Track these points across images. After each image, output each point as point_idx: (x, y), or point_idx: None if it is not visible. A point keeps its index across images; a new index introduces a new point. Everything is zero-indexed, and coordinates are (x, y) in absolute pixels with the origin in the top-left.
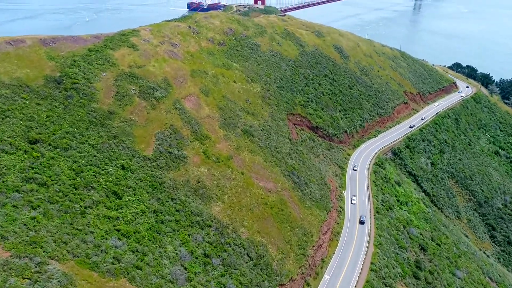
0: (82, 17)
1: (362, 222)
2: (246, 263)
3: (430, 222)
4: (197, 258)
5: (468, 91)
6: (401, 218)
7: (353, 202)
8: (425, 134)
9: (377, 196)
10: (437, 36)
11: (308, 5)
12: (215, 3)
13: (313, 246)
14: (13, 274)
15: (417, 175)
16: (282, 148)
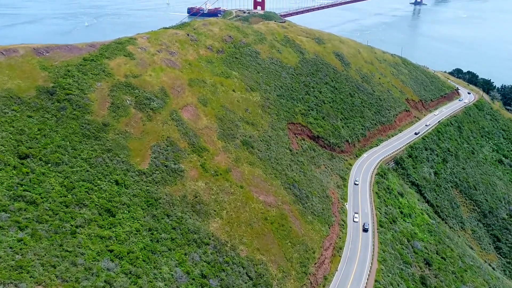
0: (82, 22)
1: (366, 230)
2: (246, 283)
3: (435, 235)
4: (194, 280)
5: (470, 98)
6: (405, 231)
7: (356, 220)
8: (428, 143)
9: (380, 209)
10: (437, 41)
11: (308, 10)
12: (215, 8)
13: (315, 263)
14: None
15: (420, 185)
16: (283, 160)
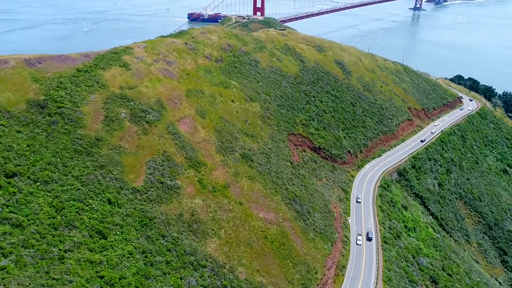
0: (81, 28)
1: (370, 239)
2: None
3: (440, 250)
4: None
5: (473, 106)
6: (410, 247)
7: (359, 243)
8: (431, 153)
9: (384, 223)
10: (436, 47)
11: (307, 16)
12: (216, 14)
13: (318, 285)
14: None
15: (424, 197)
16: (283, 173)
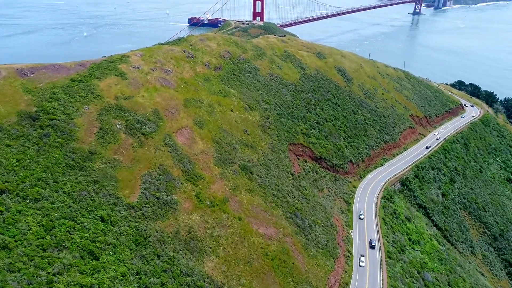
0: (81, 32)
1: (373, 247)
2: None
3: (445, 263)
4: None
5: (475, 112)
6: (414, 261)
7: (362, 265)
8: (434, 162)
9: (388, 237)
10: (435, 52)
11: (307, 21)
12: (216, 19)
13: None
14: None
15: (428, 208)
16: (284, 185)
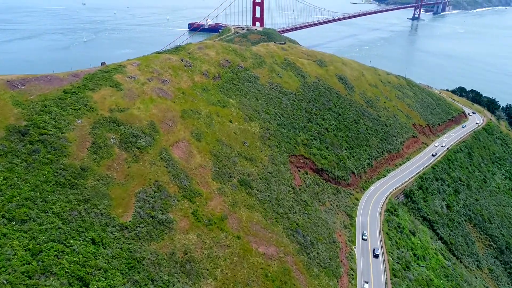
0: (81, 38)
1: (377, 256)
2: None
3: (451, 280)
4: None
5: (478, 120)
6: (420, 279)
7: (366, 287)
8: (438, 172)
9: (392, 253)
10: (434, 57)
11: (306, 26)
12: (216, 24)
13: None
14: None
15: (432, 220)
16: (284, 200)
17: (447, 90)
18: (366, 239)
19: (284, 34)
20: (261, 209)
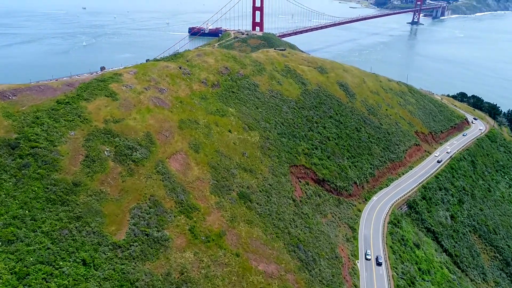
0: (80, 42)
1: (380, 264)
2: None
3: None
4: None
5: (480, 126)
6: None
7: None
8: (442, 182)
9: (396, 267)
10: (434, 61)
11: (306, 31)
12: (216, 28)
13: None
14: None
15: (437, 232)
16: (285, 213)
17: (448, 96)
18: (370, 259)
19: (284, 39)
20: (261, 224)
